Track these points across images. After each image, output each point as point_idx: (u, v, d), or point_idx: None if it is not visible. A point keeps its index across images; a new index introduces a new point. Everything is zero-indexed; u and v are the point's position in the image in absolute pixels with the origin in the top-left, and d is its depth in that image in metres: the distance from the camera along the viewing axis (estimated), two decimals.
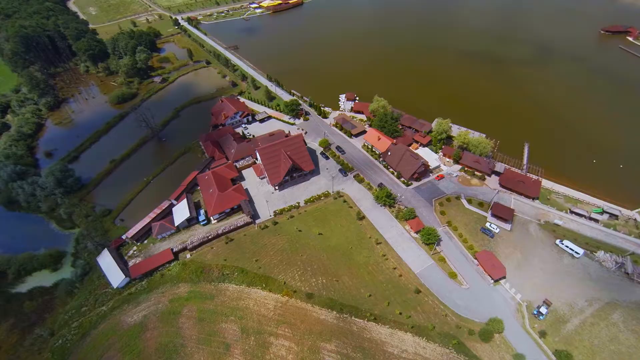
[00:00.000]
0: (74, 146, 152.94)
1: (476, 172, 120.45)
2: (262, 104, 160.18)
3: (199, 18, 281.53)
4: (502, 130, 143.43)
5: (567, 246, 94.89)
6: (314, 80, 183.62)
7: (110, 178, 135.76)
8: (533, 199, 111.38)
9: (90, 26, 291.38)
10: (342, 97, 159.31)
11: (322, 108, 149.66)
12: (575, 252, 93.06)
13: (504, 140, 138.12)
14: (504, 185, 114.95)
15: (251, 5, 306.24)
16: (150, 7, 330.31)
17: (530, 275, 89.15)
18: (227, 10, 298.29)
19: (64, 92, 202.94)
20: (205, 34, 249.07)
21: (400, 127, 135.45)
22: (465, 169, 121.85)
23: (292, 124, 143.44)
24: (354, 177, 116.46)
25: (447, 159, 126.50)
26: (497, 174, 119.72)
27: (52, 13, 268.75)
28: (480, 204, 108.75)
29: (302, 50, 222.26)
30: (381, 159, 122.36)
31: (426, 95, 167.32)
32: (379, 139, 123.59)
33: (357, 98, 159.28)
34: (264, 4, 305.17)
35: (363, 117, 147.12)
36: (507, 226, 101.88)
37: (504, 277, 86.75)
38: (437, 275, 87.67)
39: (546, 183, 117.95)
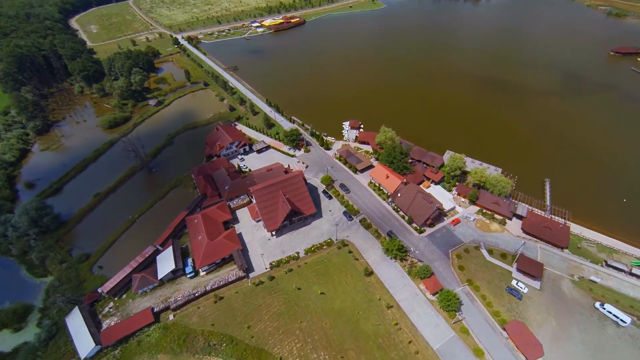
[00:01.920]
0: (59, 175, 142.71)
1: (495, 215, 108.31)
2: (260, 132, 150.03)
3: (199, 37, 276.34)
4: (518, 163, 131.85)
5: (609, 312, 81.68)
6: (316, 105, 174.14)
7: (92, 215, 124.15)
8: (562, 248, 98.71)
9: (90, 44, 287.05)
10: (346, 124, 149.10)
11: (324, 138, 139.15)
12: (621, 320, 79.78)
13: (521, 176, 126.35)
14: (528, 231, 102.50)
15: (253, 24, 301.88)
16: (151, 25, 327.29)
17: (571, 351, 75.59)
18: (229, 29, 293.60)
19: (55, 114, 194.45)
20: (205, 54, 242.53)
21: (410, 161, 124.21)
22: (483, 211, 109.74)
23: (292, 156, 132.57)
24: (360, 221, 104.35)
25: (462, 199, 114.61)
26: (519, 217, 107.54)
27: (50, 32, 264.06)
28: (503, 256, 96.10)
29: (304, 72, 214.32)
30: (390, 200, 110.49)
31: (435, 124, 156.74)
32: (387, 177, 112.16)
33: (362, 126, 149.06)
34: (266, 23, 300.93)
35: (369, 148, 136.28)
36: (536, 284, 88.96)
37: (542, 357, 73.17)
38: (461, 352, 74.23)
39: (574, 227, 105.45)
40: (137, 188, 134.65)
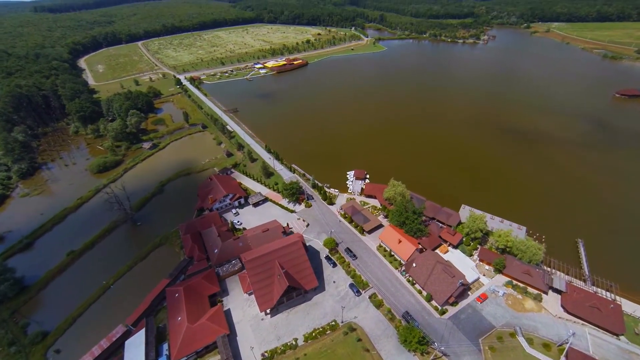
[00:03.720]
0: (34, 227, 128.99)
1: (529, 289, 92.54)
2: (258, 181, 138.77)
3: (201, 78, 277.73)
4: (543, 220, 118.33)
5: None
6: (318, 150, 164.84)
7: (62, 278, 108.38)
8: (617, 335, 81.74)
9: (94, 84, 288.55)
10: (351, 175, 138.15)
11: (327, 191, 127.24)
12: None
13: (548, 235, 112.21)
14: (571, 311, 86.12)
15: (255, 66, 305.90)
16: (156, 66, 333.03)
17: None
18: (231, 70, 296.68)
19: (45, 155, 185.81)
20: (206, 95, 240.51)
21: (425, 219, 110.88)
22: (514, 283, 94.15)
23: (292, 211, 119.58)
24: (370, 298, 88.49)
25: (486, 266, 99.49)
26: (557, 291, 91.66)
27: (54, 72, 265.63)
28: (546, 346, 79.00)
29: (305, 115, 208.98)
30: (403, 269, 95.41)
31: (447, 173, 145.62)
32: (400, 242, 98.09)
33: (368, 176, 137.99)
34: (269, 64, 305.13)
35: (376, 202, 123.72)
36: None
37: None
38: None
39: (625, 304, 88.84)
40: (118, 245, 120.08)
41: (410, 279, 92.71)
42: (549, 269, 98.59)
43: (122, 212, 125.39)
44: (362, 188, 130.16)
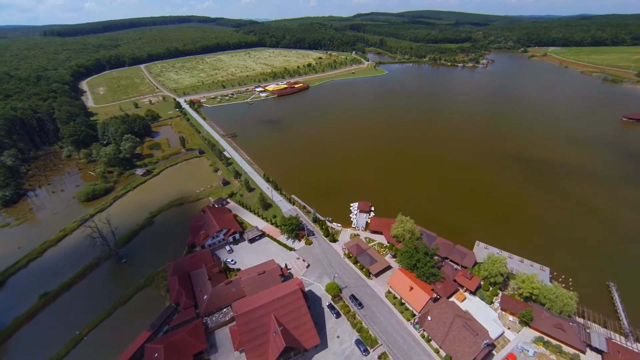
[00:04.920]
0: (8, 263, 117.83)
1: (563, 347, 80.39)
2: (254, 213, 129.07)
3: (201, 101, 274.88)
4: (567, 259, 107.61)
5: None
6: (319, 180, 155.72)
7: (31, 326, 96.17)
8: None
9: (93, 106, 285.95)
10: (354, 207, 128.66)
11: (329, 226, 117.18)
12: None
13: (574, 277, 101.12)
14: None
15: (256, 89, 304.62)
16: (157, 88, 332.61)
17: None
18: (232, 94, 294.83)
19: (33, 180, 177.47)
20: (205, 119, 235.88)
21: (438, 259, 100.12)
22: (545, 339, 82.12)
23: (291, 249, 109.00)
24: (379, 358, 76.27)
25: (510, 317, 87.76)
26: (596, 350, 79.49)
27: (52, 95, 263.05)
28: None
29: (306, 142, 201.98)
30: (416, 322, 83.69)
31: (457, 204, 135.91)
32: (411, 289, 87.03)
33: (373, 209, 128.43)
34: (270, 87, 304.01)
35: (383, 239, 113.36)
36: None
37: None
38: None
39: None
40: (99, 286, 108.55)
41: (425, 334, 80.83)
42: (582, 321, 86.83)
43: (106, 247, 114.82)
44: (366, 222, 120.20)
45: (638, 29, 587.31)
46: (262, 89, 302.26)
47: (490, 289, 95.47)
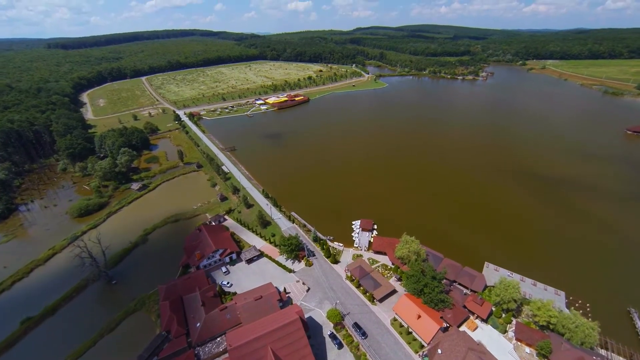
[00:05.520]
0: None
1: None
2: (252, 231, 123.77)
3: (201, 113, 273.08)
4: (581, 282, 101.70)
5: None
6: (319, 195, 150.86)
7: (8, 356, 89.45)
8: None
9: (92, 118, 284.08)
10: (356, 225, 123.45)
11: (330, 246, 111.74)
12: None
13: (591, 302, 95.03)
14: None
15: (257, 102, 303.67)
16: (157, 101, 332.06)
17: None
18: (232, 106, 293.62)
19: (26, 194, 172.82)
20: (204, 132, 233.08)
21: (446, 283, 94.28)
22: None
23: (290, 271, 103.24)
24: None
25: (527, 349, 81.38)
26: None
27: (51, 107, 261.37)
28: None
29: (307, 156, 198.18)
30: (425, 355, 77.31)
31: (463, 222, 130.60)
32: (419, 317, 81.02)
33: (376, 227, 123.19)
34: (270, 100, 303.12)
35: (387, 260, 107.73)
36: None
37: None
38: None
39: None
40: (86, 310, 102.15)
41: None
42: (605, 352, 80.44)
43: (95, 268, 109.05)
44: (369, 242, 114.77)
45: (634, 42, 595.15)
46: (263, 102, 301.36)
47: (503, 315, 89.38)
